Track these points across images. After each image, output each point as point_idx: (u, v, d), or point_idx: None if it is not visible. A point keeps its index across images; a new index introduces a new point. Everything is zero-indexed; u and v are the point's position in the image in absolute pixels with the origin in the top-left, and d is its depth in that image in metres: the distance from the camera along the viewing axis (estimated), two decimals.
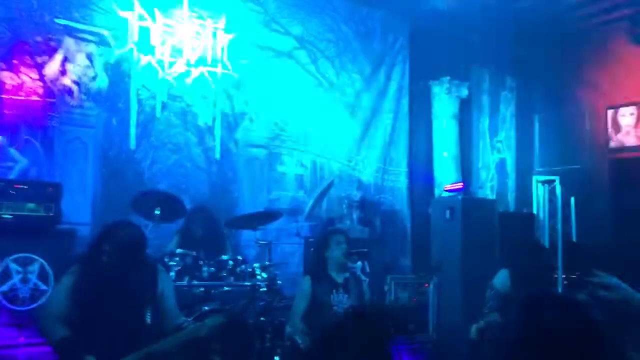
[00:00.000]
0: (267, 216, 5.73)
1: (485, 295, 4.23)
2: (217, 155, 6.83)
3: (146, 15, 6.47)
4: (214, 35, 6.90)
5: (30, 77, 5.81)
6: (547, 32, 8.09)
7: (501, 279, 4.22)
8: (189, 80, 6.69)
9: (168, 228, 5.77)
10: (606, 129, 8.27)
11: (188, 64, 6.69)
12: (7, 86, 5.68)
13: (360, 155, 7.95)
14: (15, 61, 5.73)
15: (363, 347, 2.00)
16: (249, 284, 5.04)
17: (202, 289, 4.99)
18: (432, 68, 8.35)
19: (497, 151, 8.93)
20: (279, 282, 5.36)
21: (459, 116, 8.45)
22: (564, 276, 4.84)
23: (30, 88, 5.80)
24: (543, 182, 7.55)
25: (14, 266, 4.93)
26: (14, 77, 5.72)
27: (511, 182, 9.00)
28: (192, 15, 6.77)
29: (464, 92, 8.50)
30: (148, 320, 3.15)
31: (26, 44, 5.80)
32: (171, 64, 6.60)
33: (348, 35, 7.96)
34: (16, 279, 4.93)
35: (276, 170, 7.28)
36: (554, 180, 7.07)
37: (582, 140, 8.37)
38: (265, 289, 5.12)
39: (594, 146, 8.32)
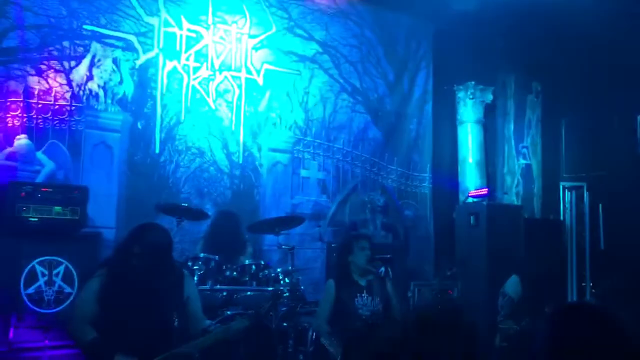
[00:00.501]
0: (290, 221, 5.72)
1: (498, 302, 4.16)
2: (240, 160, 6.85)
3: (172, 21, 6.53)
4: (239, 40, 6.94)
5: (58, 82, 5.89)
6: (575, 34, 7.95)
7: (512, 285, 4.14)
8: (213, 85, 6.74)
9: (192, 233, 5.80)
10: (636, 135, 8.09)
11: (212, 69, 6.74)
12: (35, 91, 5.77)
13: (384, 160, 7.91)
14: (43, 66, 5.82)
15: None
16: (271, 288, 5.02)
17: (225, 293, 4.99)
18: (457, 72, 8.27)
19: (522, 157, 8.80)
20: (301, 287, 5.35)
21: (484, 121, 8.35)
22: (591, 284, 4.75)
23: (58, 93, 5.89)
24: (570, 189, 7.44)
25: (39, 268, 4.99)
26: (42, 82, 5.81)
27: (537, 188, 8.86)
28: (217, 21, 6.82)
29: (489, 97, 8.40)
30: (176, 323, 3.16)
31: (54, 50, 5.89)
32: (196, 69, 6.65)
33: (372, 40, 7.93)
34: (41, 281, 4.99)
35: (299, 175, 7.27)
36: (581, 187, 6.95)
37: (611, 146, 8.20)
38: (287, 294, 5.10)
39: (623, 152, 8.14)
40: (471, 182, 8.03)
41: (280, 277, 5.17)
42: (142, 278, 3.16)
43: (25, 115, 5.71)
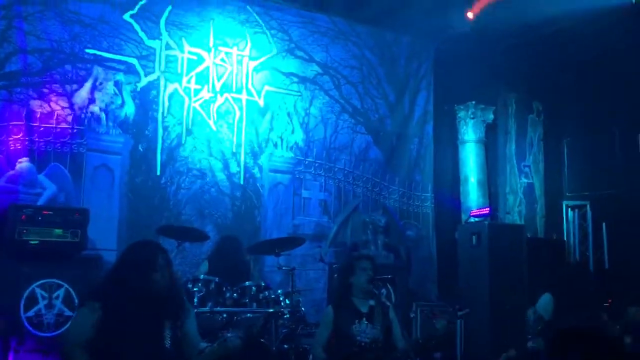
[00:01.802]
0: (290, 242, 5.69)
1: (527, 318, 4.10)
2: (241, 181, 6.86)
3: (173, 44, 6.60)
4: (239, 62, 6.99)
5: (60, 105, 5.94)
6: (575, 54, 7.98)
7: (544, 303, 4.09)
8: (214, 107, 6.77)
9: (193, 255, 5.78)
10: (637, 153, 8.07)
11: (214, 91, 6.78)
12: (37, 114, 5.82)
13: (385, 181, 7.90)
14: (45, 90, 5.88)
15: None
16: (271, 310, 4.98)
17: (225, 315, 4.95)
18: (458, 92, 8.30)
19: (524, 175, 8.78)
20: (302, 308, 5.29)
21: (485, 140, 8.36)
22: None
23: (60, 116, 5.93)
24: (573, 208, 7.40)
25: (39, 291, 4.98)
26: (45, 105, 5.86)
27: (540, 207, 8.83)
28: (218, 43, 6.88)
29: (490, 117, 8.42)
30: (167, 345, 3.11)
31: (56, 74, 5.95)
32: (197, 91, 6.69)
33: (372, 61, 7.98)
34: (42, 304, 4.97)
35: (300, 196, 7.27)
36: (585, 206, 6.92)
37: (613, 164, 8.18)
38: (288, 315, 5.06)
39: (625, 171, 8.12)
40: (473, 201, 8.01)
41: (281, 299, 5.12)
42: (134, 305, 3.06)
43: (27, 138, 5.76)
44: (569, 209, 7.33)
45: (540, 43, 7.78)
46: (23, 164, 5.72)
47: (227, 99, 6.87)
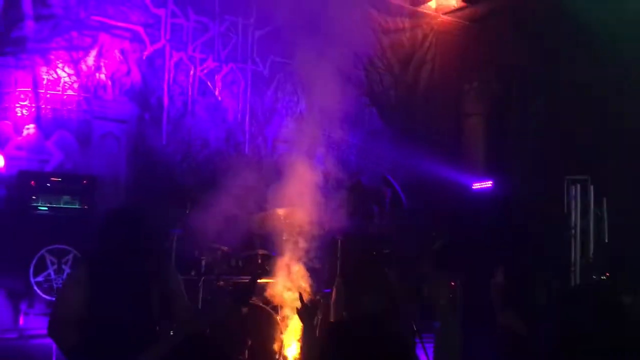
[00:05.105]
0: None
1: None
2: (247, 151, 6.90)
3: (179, 12, 6.56)
4: (245, 31, 6.96)
5: (67, 73, 5.94)
6: None
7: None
8: (219, 77, 6.77)
9: None
10: None
11: (219, 60, 6.77)
12: (44, 81, 5.82)
13: (391, 151, 7.92)
14: (52, 57, 5.86)
15: None
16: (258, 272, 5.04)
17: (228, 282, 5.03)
18: None
19: None
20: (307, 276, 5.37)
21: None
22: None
23: (66, 83, 5.94)
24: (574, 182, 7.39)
25: (48, 257, 5.06)
26: (52, 72, 5.85)
27: None
28: (224, 12, 6.84)
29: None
30: (155, 307, 3.07)
31: (63, 41, 5.93)
32: (202, 60, 6.68)
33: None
34: (51, 269, 5.06)
35: None
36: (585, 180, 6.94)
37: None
38: None
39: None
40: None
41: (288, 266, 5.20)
42: (120, 271, 3.02)
43: (34, 105, 5.77)
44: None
45: None
46: (30, 130, 5.75)
47: (232, 69, 6.86)
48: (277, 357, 4.49)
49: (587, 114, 7.10)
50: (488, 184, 7.03)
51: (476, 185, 7.24)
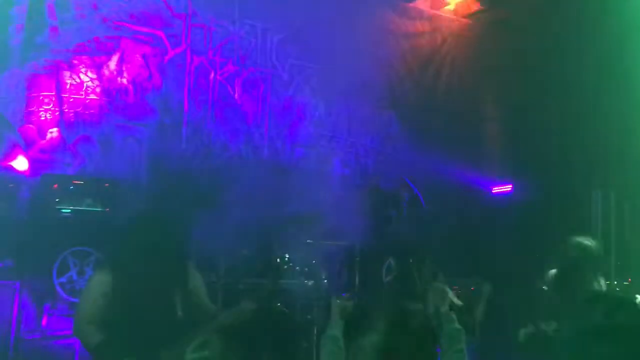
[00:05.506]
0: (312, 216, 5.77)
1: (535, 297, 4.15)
2: (266, 155, 6.93)
3: (200, 17, 6.62)
4: (264, 35, 7.00)
5: (89, 77, 6.03)
6: None
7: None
8: (239, 81, 6.82)
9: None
10: None
11: (239, 64, 6.82)
12: (67, 85, 5.91)
13: (409, 154, 7.91)
14: (75, 61, 5.95)
15: None
16: (295, 282, 5.11)
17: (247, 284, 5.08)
18: None
19: None
20: (325, 281, 5.41)
21: None
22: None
23: (89, 87, 6.02)
24: None
25: (71, 259, 5.13)
26: (74, 76, 5.95)
27: None
28: (244, 16, 6.89)
29: None
30: (179, 313, 3.12)
31: (85, 45, 6.02)
32: (222, 64, 6.73)
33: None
34: (73, 271, 5.12)
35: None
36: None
37: None
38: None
39: None
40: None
41: (306, 270, 5.25)
42: (143, 272, 3.07)
43: (57, 109, 5.86)
44: None
45: None
46: (53, 134, 5.84)
47: (252, 73, 6.90)
48: None
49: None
50: (508, 187, 6.98)
51: (496, 189, 7.20)
